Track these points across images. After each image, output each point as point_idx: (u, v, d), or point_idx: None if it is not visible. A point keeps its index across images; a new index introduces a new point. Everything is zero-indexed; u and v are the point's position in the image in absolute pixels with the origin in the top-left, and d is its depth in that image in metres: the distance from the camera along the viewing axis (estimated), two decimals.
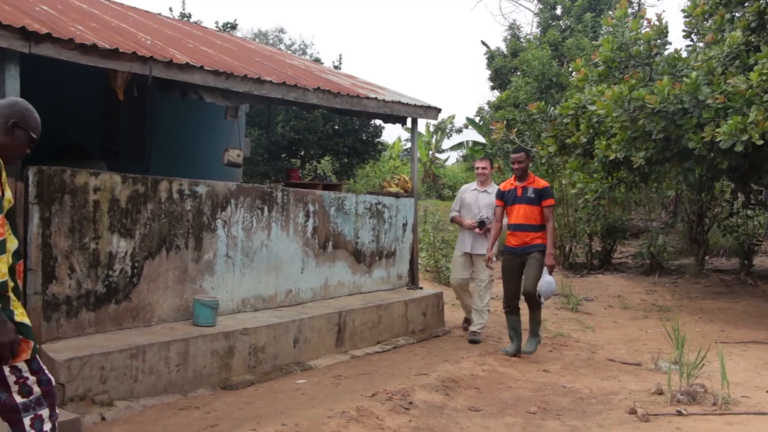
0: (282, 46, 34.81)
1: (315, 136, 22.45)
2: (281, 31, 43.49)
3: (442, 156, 34.46)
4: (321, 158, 24.36)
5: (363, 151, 23.73)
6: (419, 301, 9.01)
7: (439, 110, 9.82)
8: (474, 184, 8.93)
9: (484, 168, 8.79)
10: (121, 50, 5.97)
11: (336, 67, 22.97)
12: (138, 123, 9.88)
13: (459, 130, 30.37)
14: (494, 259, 8.09)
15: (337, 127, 22.61)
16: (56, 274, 5.60)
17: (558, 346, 8.62)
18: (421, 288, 9.62)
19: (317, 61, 23.36)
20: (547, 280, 7.33)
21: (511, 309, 7.90)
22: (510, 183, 7.79)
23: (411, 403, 5.86)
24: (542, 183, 7.54)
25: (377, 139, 24.09)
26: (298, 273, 7.87)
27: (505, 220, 7.90)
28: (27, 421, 3.22)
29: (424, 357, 7.84)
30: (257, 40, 34.59)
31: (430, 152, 32.52)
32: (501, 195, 7.87)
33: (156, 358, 5.78)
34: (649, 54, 10.32)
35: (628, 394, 6.40)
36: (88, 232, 5.80)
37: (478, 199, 8.71)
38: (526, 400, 6.29)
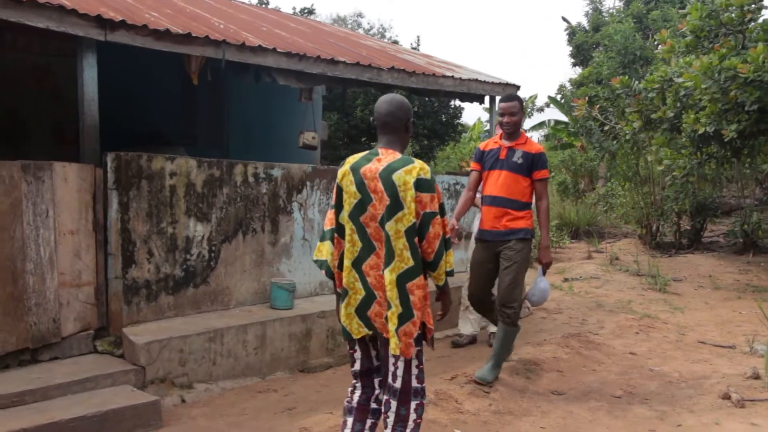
0: (360, 31, 34.78)
1: None
2: (360, 15, 43.39)
3: None
4: None
5: (443, 133, 23.51)
6: None
7: (517, 87, 9.55)
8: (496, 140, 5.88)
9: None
10: (194, 35, 5.97)
11: (414, 49, 22.80)
12: (215, 108, 9.97)
13: (540, 109, 29.68)
14: (459, 231, 6.28)
15: (416, 109, 22.44)
16: (135, 259, 5.67)
17: (645, 327, 8.28)
18: None
19: (395, 43, 23.21)
20: (541, 287, 5.53)
21: (480, 305, 5.84)
22: (494, 141, 5.71)
23: (491, 386, 5.71)
24: (536, 147, 5.55)
25: (457, 121, 23.85)
26: None
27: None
28: (413, 405, 3.48)
29: None
30: (336, 25, 34.68)
31: None
32: (479, 156, 5.74)
33: (234, 341, 5.80)
34: (742, 20, 9.75)
35: (721, 378, 6.07)
36: (166, 216, 5.85)
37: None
38: (611, 383, 6.05)
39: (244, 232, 6.43)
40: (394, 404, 3.46)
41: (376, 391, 3.66)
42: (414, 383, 3.45)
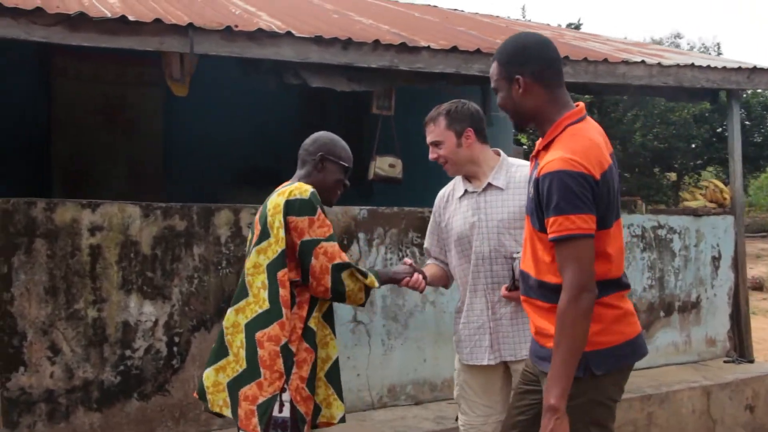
0: None
1: (688, 143, 18.79)
2: (677, 36, 38.97)
3: None
4: (702, 169, 20.32)
5: (756, 157, 19.28)
6: (739, 385, 5.46)
7: None
8: (459, 181, 3.22)
9: (436, 143, 3.09)
10: (132, 19, 3.98)
11: (719, 55, 19.21)
12: (354, 135, 7.82)
13: None
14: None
15: (719, 130, 18.69)
16: (26, 358, 3.76)
17: None
18: (752, 361, 5.98)
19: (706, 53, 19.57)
20: None
21: None
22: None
23: None
24: (554, 162, 2.26)
25: None
26: None
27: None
28: None
29: None
30: None
31: None
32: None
33: None
34: None
35: None
36: (83, 292, 3.87)
37: (476, 213, 3.08)
38: None
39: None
40: None
41: None
42: None
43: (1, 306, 3.70)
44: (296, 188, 2.72)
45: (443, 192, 3.29)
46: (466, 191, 3.13)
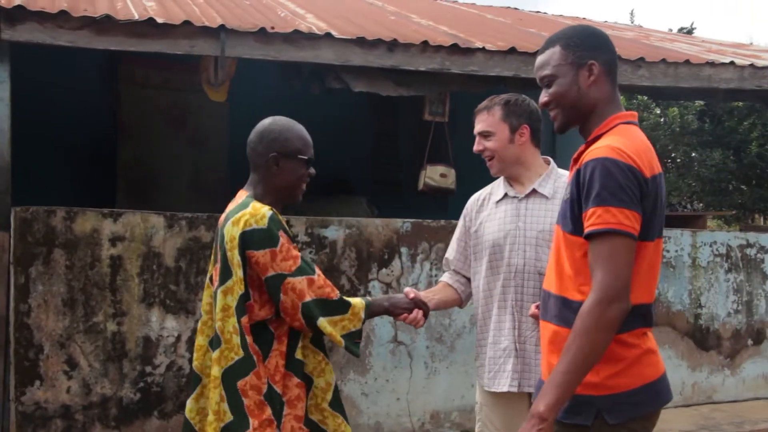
0: None
1: None
2: None
3: None
4: None
5: None
6: None
7: None
8: (499, 184, 2.85)
9: (486, 133, 2.75)
10: (161, 21, 3.83)
11: None
12: (425, 145, 7.52)
13: None
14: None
15: None
16: (42, 372, 3.66)
17: None
18: None
19: None
20: None
21: None
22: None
23: None
24: (600, 149, 1.89)
25: None
26: None
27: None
28: None
29: None
30: None
31: None
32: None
33: None
34: None
35: None
36: (102, 305, 3.75)
37: (515, 220, 2.74)
38: None
39: None
40: None
41: None
42: None
43: (17, 317, 3.62)
44: (251, 216, 2.34)
45: (478, 195, 2.92)
46: (506, 195, 2.77)
